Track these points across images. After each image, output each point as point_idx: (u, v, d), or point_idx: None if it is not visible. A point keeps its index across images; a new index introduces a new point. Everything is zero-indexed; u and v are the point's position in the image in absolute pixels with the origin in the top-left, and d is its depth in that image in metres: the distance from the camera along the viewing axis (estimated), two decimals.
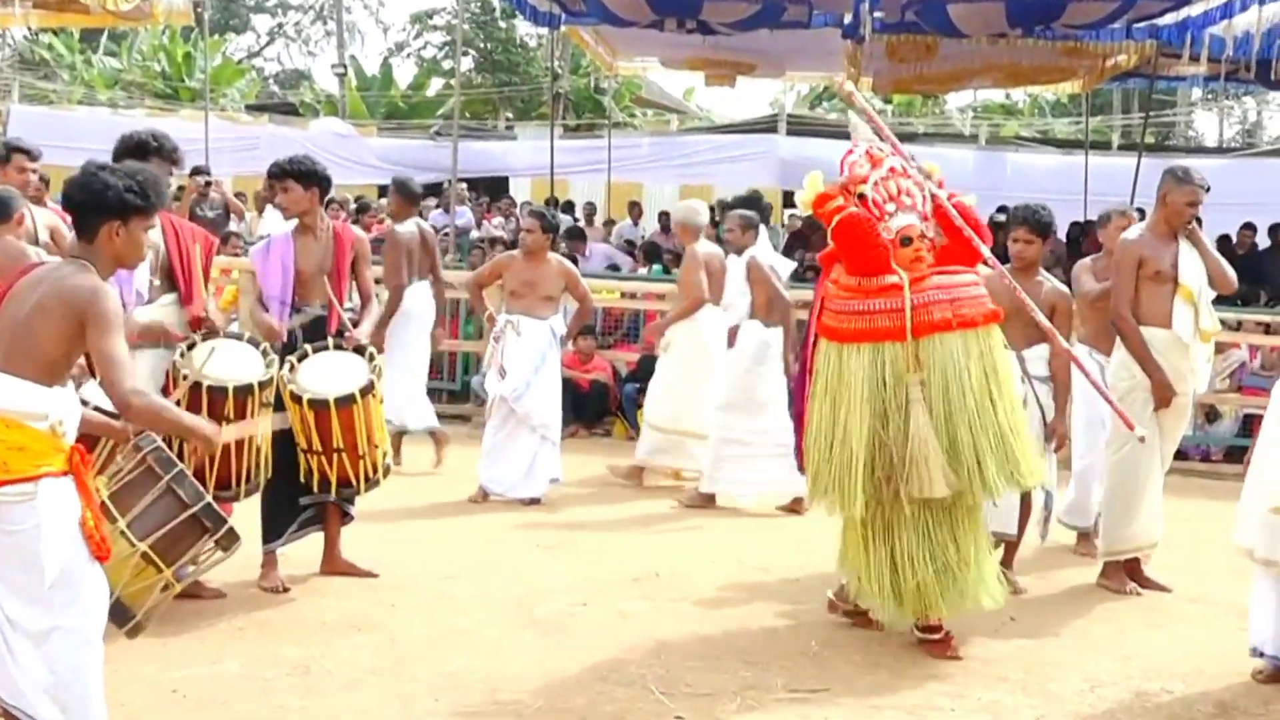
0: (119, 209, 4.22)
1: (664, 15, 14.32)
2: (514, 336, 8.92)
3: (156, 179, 4.40)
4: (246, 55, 48.12)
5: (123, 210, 4.23)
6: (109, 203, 4.21)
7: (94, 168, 4.35)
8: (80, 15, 17.56)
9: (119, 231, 4.24)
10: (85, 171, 4.35)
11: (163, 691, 5.25)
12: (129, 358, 4.20)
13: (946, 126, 31.41)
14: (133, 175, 4.29)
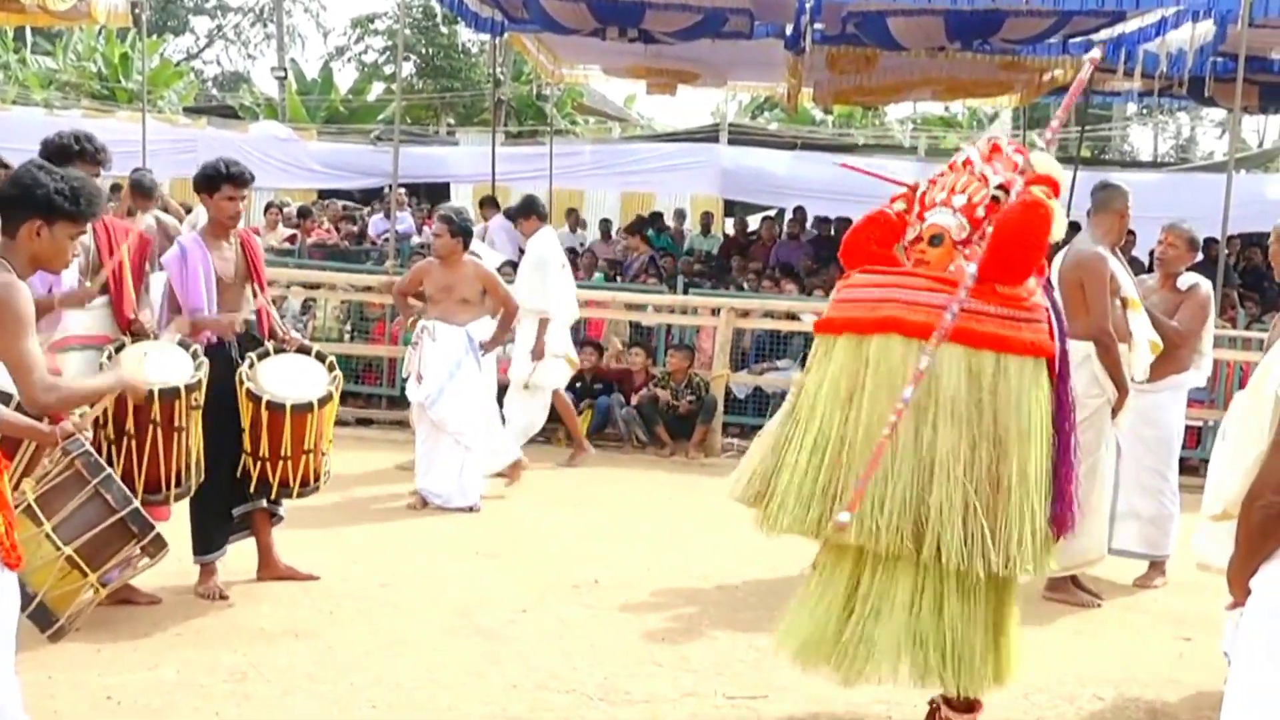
0: (45, 208, 4.19)
1: (606, 24, 14.35)
2: (429, 342, 8.91)
3: (94, 191, 4.37)
4: (185, 57, 47.73)
5: (49, 211, 4.20)
6: (35, 200, 4.19)
7: (33, 164, 4.32)
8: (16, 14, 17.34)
9: (41, 231, 4.21)
10: (22, 167, 4.33)
11: (97, 698, 5.19)
12: (39, 356, 4.15)
13: (886, 138, 31.66)
14: (68, 179, 4.26)
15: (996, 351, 4.78)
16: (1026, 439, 4.74)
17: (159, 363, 5.97)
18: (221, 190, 6.59)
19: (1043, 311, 4.91)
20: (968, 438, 4.71)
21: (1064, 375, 4.94)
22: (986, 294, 4.80)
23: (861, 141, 28.87)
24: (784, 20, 13.92)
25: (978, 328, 4.77)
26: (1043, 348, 4.83)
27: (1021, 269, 4.83)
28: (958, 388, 4.74)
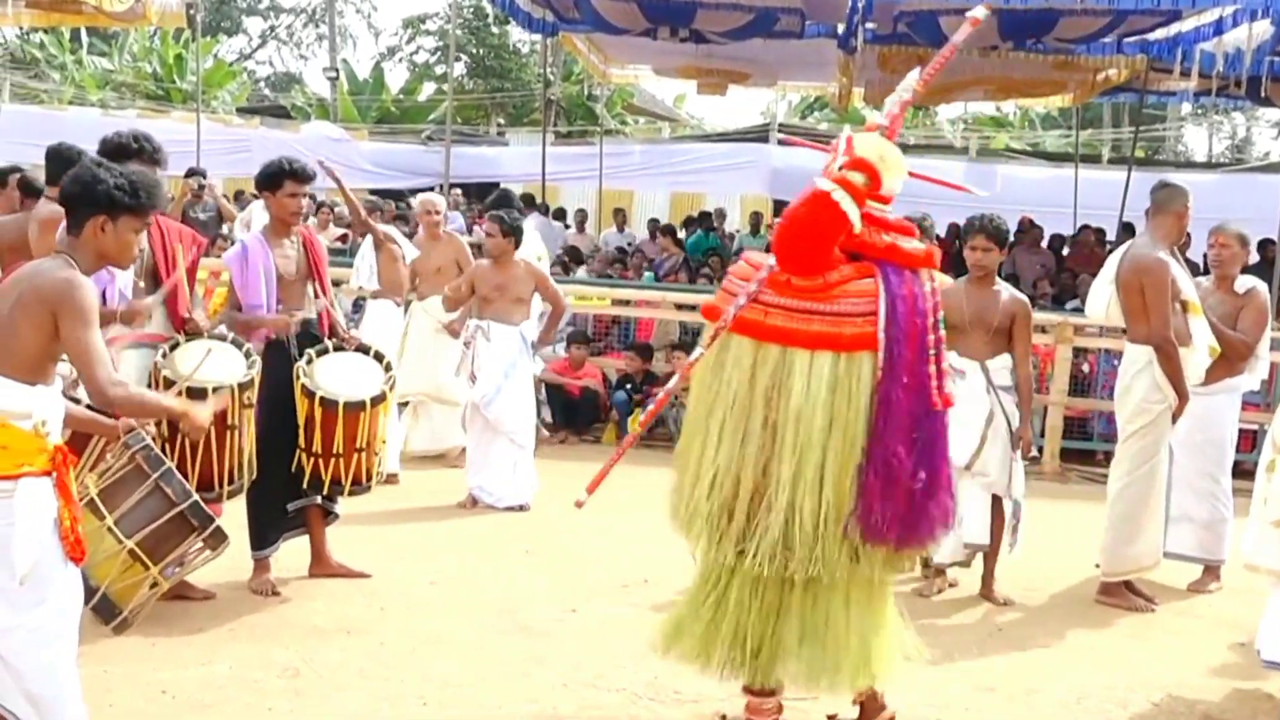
0: (107, 204, 4.24)
1: (657, 24, 14.37)
2: (484, 342, 8.94)
3: (153, 183, 4.41)
4: (238, 58, 48.06)
5: (111, 206, 4.24)
6: (97, 197, 4.23)
7: (91, 162, 4.37)
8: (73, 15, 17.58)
9: (105, 227, 4.26)
10: (81, 165, 4.37)
11: (152, 692, 5.25)
12: (104, 350, 4.21)
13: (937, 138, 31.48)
14: (127, 175, 4.31)
15: (783, 345, 4.68)
16: (807, 434, 4.60)
17: (213, 362, 6.03)
18: (284, 188, 6.64)
19: (856, 303, 4.67)
20: (742, 431, 4.66)
21: (886, 371, 4.63)
22: (782, 287, 4.70)
23: (912, 141, 28.72)
24: (835, 20, 13.91)
25: (765, 320, 4.70)
26: (835, 341, 4.64)
27: (807, 261, 4.65)
28: (741, 381, 4.69)
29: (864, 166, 4.65)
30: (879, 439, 4.62)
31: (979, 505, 7.17)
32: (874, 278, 4.71)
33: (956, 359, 7.16)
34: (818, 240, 4.62)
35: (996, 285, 7.23)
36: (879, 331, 4.63)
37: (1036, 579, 7.69)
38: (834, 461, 4.62)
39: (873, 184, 4.65)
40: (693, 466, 4.80)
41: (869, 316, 4.65)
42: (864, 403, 4.63)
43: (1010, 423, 7.12)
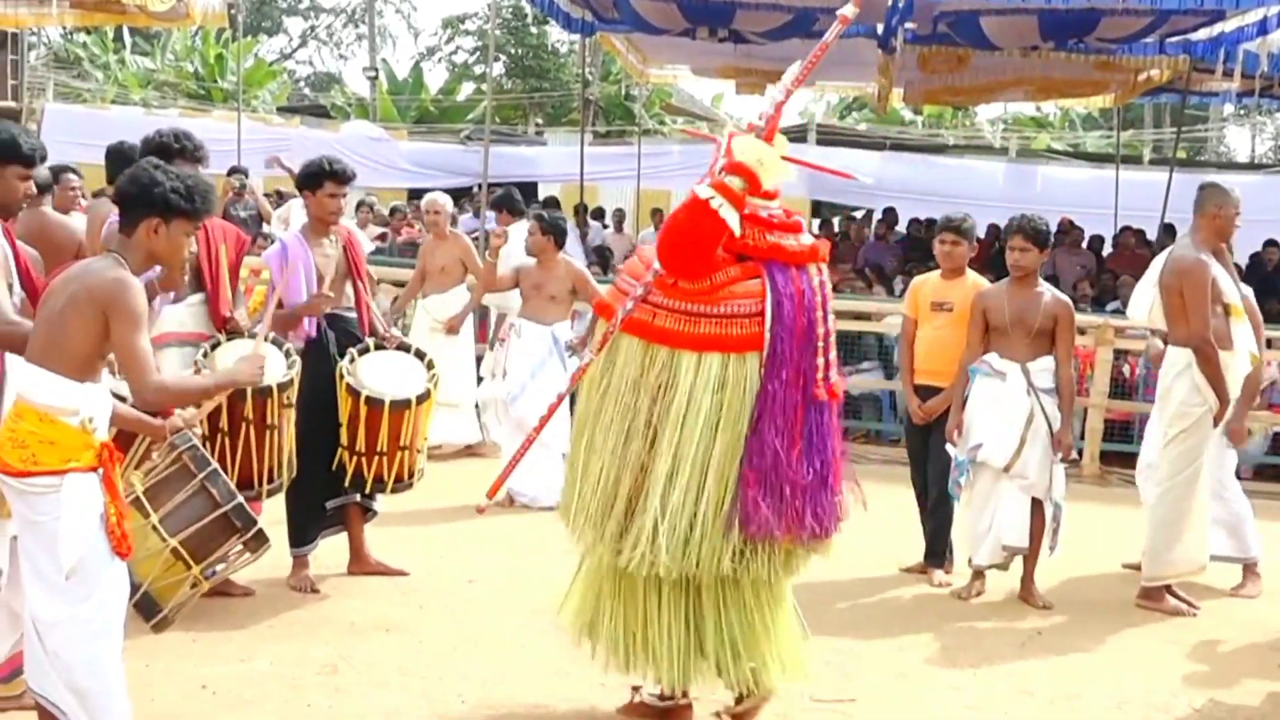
0: (162, 206, 4.27)
1: (696, 24, 14.34)
2: (515, 340, 8.96)
3: (208, 188, 4.44)
4: (279, 57, 48.34)
5: (166, 209, 4.28)
6: (153, 199, 4.27)
7: (149, 164, 4.40)
8: (116, 15, 17.72)
9: (159, 229, 4.30)
10: (139, 165, 4.40)
11: (192, 687, 5.29)
12: (150, 354, 4.26)
13: (977, 138, 31.32)
14: (184, 179, 4.34)
15: (670, 346, 4.71)
16: (688, 433, 4.61)
17: None
18: (324, 187, 6.67)
19: (743, 304, 4.69)
20: (626, 431, 4.69)
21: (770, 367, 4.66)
22: (669, 289, 4.73)
23: (952, 142, 28.61)
24: (875, 20, 13.83)
25: (653, 321, 4.73)
26: (723, 342, 4.66)
27: (688, 266, 4.67)
28: (627, 379, 4.73)
29: (741, 170, 4.67)
30: (757, 433, 4.64)
31: (1018, 507, 7.13)
32: (760, 278, 4.74)
33: (997, 360, 7.14)
34: (698, 246, 4.65)
35: (1039, 287, 7.18)
36: (765, 331, 4.67)
37: (1076, 582, 7.64)
38: (717, 462, 4.64)
39: (751, 187, 4.68)
40: (579, 465, 4.84)
41: (756, 317, 4.69)
42: (751, 403, 4.66)
43: (1051, 425, 7.07)
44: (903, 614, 6.97)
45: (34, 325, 4.36)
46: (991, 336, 7.23)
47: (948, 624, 6.78)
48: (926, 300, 7.59)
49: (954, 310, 7.44)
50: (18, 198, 4.92)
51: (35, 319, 4.37)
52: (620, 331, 4.78)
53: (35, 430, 4.16)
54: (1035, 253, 7.14)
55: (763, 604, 4.90)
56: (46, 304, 4.30)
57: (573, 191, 20.23)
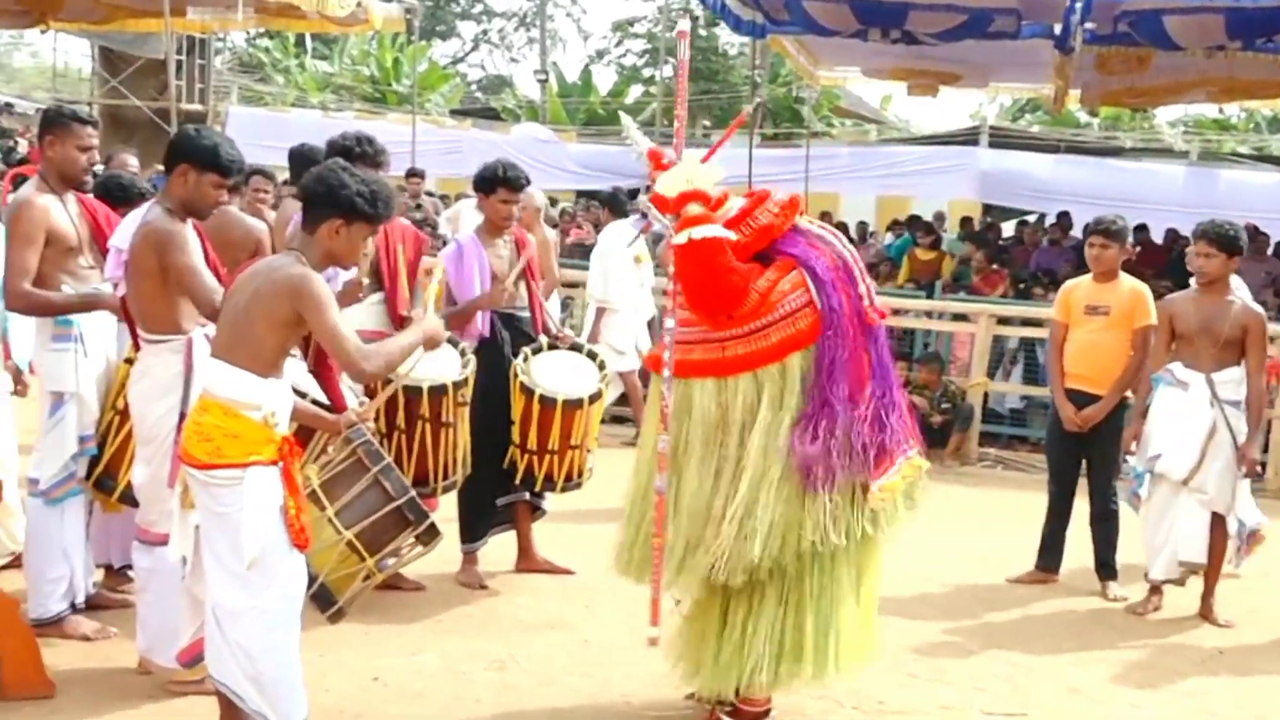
0: (347, 209, 4.36)
1: (869, 25, 14.17)
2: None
3: (391, 194, 4.53)
4: (451, 61, 49.20)
5: (350, 212, 4.36)
6: (339, 200, 4.36)
7: (336, 165, 4.50)
8: (298, 20, 18.24)
9: (340, 230, 4.39)
10: (327, 166, 4.50)
11: (364, 680, 5.39)
12: (349, 330, 4.36)
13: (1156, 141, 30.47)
14: (369, 183, 4.42)
15: (751, 369, 4.67)
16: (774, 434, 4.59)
17: (429, 360, 6.15)
18: (497, 193, 6.75)
19: (794, 298, 4.67)
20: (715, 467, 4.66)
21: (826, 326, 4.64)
22: (727, 321, 4.69)
23: (1129, 145, 27.86)
24: (1052, 20, 13.53)
25: (724, 356, 4.69)
26: (796, 340, 4.64)
27: (724, 300, 4.66)
28: (703, 425, 4.68)
29: (684, 198, 4.66)
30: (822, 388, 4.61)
31: (1196, 522, 6.90)
32: (796, 267, 4.72)
33: (1180, 370, 6.93)
34: (717, 278, 4.63)
35: (1229, 295, 6.95)
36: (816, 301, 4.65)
37: (1260, 600, 7.38)
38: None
39: (704, 200, 4.70)
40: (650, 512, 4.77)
41: (811, 304, 4.68)
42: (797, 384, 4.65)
43: (1235, 439, 6.83)
44: (1075, 627, 6.80)
45: (219, 322, 4.49)
46: (1177, 345, 7.02)
47: (1123, 640, 6.60)
48: (1079, 304, 7.40)
49: (1110, 314, 7.24)
50: (210, 204, 5.08)
51: (220, 316, 4.50)
52: (689, 378, 4.72)
53: (220, 424, 4.28)
54: (1221, 259, 6.90)
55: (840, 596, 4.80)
56: (230, 301, 4.42)
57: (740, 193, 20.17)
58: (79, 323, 5.45)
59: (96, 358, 5.52)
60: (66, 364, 5.43)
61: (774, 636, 4.75)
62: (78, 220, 5.55)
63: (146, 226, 4.94)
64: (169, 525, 4.83)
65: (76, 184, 5.60)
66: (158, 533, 4.98)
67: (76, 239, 5.50)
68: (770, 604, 4.76)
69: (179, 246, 4.89)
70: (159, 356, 4.98)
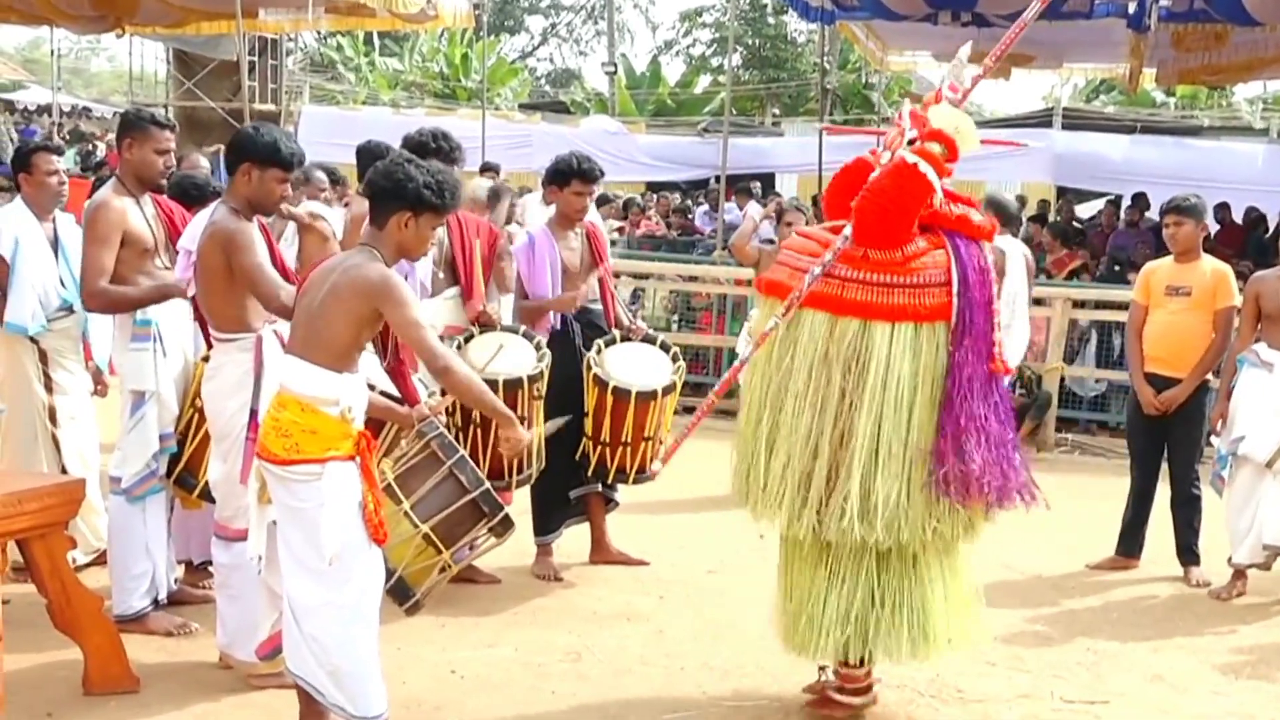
0: (414, 201, 4.39)
1: (939, 8, 14.08)
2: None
3: (456, 182, 4.55)
4: (520, 55, 49.35)
5: (417, 203, 4.39)
6: (406, 193, 4.38)
7: (401, 159, 4.53)
8: (368, 18, 18.38)
9: (408, 223, 4.41)
10: (392, 160, 4.53)
11: (442, 672, 5.43)
12: (432, 330, 4.38)
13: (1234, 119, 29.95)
14: (434, 174, 4.45)
15: (861, 318, 4.65)
16: (889, 404, 4.59)
17: (505, 354, 6.18)
18: (571, 185, 6.77)
19: (933, 274, 4.66)
20: (819, 404, 4.65)
21: (959, 337, 4.64)
22: (858, 260, 4.68)
23: (1206, 123, 27.40)
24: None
25: (842, 294, 4.67)
26: (917, 312, 4.63)
27: (889, 234, 4.65)
28: (815, 354, 4.68)
29: (941, 138, 4.69)
30: (958, 402, 4.62)
31: None
32: (944, 249, 4.72)
33: (1265, 350, 6.83)
34: (903, 212, 4.65)
35: None
36: (953, 299, 4.64)
37: None
38: (917, 430, 4.63)
39: (949, 154, 4.71)
40: (764, 443, 4.80)
41: (944, 286, 4.67)
42: (941, 371, 4.65)
43: None
44: (1157, 613, 6.71)
45: (294, 319, 4.53)
46: (1264, 325, 6.91)
47: (1206, 626, 6.50)
48: (1160, 285, 7.28)
49: (1192, 295, 7.11)
50: (275, 199, 5.13)
51: (294, 313, 4.54)
52: (802, 306, 4.73)
53: (298, 420, 4.32)
54: None
55: (944, 572, 4.86)
56: (305, 298, 4.46)
57: (810, 182, 20.09)
58: (157, 322, 5.53)
59: (175, 357, 5.60)
60: (146, 363, 5.52)
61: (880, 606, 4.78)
62: (154, 222, 5.63)
63: (213, 226, 5.00)
64: (246, 521, 4.90)
65: (153, 186, 5.69)
66: (236, 528, 5.05)
67: (153, 240, 5.58)
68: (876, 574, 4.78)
69: (244, 246, 4.94)
70: (229, 355, 5.05)
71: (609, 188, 19.79)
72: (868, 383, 4.62)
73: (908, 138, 4.72)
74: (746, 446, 4.91)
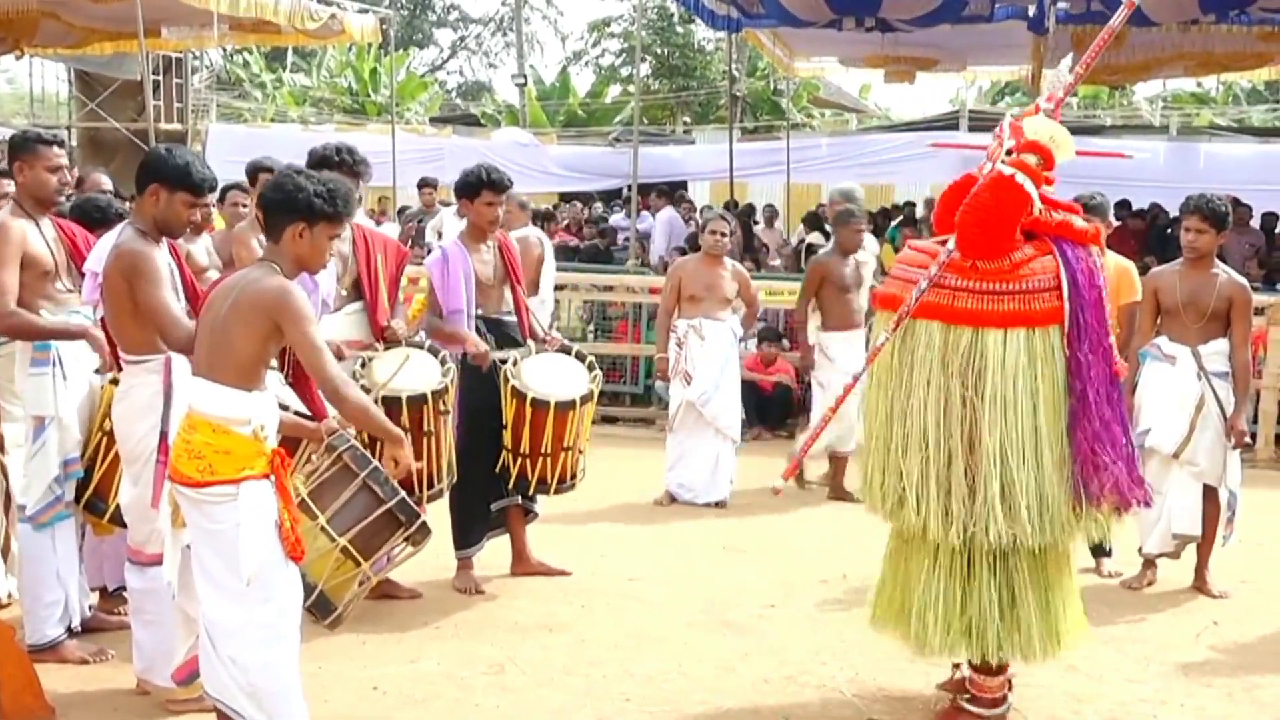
0: (307, 212, 4.37)
1: (842, 14, 14.24)
2: (697, 341, 8.95)
3: (347, 190, 4.55)
4: (429, 69, 49.15)
5: (310, 213, 4.37)
6: (298, 204, 4.36)
7: (290, 171, 4.51)
8: (273, 35, 18.23)
9: (303, 234, 4.39)
10: (280, 174, 4.53)
11: (364, 689, 5.39)
12: (327, 346, 4.36)
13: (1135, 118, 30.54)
14: (324, 183, 4.44)
15: (973, 326, 4.79)
16: (1011, 408, 4.71)
17: (409, 370, 6.13)
18: (481, 196, 6.76)
19: (1041, 279, 4.79)
20: (942, 410, 4.78)
21: (1075, 340, 4.77)
22: (965, 270, 4.81)
23: (1109, 122, 27.92)
24: (1026, 1, 13.59)
25: (953, 304, 4.81)
26: (1028, 318, 4.76)
27: (992, 244, 4.78)
28: (933, 363, 4.80)
29: (1037, 149, 4.80)
30: (1084, 401, 4.75)
31: (1189, 495, 6.93)
32: (1051, 254, 4.84)
33: (1167, 344, 6.95)
34: (1003, 222, 4.78)
35: (1214, 268, 6.96)
36: (1065, 303, 4.76)
37: (1253, 571, 7.40)
38: (1048, 433, 4.74)
39: (1046, 164, 4.82)
40: (894, 450, 4.89)
41: (1054, 291, 4.78)
42: (1060, 373, 4.77)
43: (1223, 410, 6.85)
44: None
45: (197, 338, 4.49)
46: (1162, 320, 7.05)
47: (1119, 615, 6.62)
48: None
49: None
50: (183, 222, 5.08)
51: (197, 333, 4.50)
52: (913, 317, 4.85)
53: (210, 441, 4.28)
54: (1212, 234, 6.93)
55: (1063, 573, 5.01)
56: (206, 316, 4.41)
57: (722, 189, 20.21)
58: (57, 346, 5.44)
59: (76, 381, 5.50)
60: (46, 388, 5.42)
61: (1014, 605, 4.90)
62: (54, 244, 5.54)
63: (118, 250, 4.92)
64: (160, 545, 4.84)
65: (50, 205, 5.60)
66: (149, 553, 4.99)
67: (53, 263, 5.49)
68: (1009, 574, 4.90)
69: (147, 276, 4.85)
70: (138, 377, 4.99)
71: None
72: (987, 389, 4.75)
73: (1005, 148, 4.85)
74: (878, 459, 4.99)
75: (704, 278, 9.02)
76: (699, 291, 9.01)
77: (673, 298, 9.12)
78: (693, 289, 9.03)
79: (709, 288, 9.00)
